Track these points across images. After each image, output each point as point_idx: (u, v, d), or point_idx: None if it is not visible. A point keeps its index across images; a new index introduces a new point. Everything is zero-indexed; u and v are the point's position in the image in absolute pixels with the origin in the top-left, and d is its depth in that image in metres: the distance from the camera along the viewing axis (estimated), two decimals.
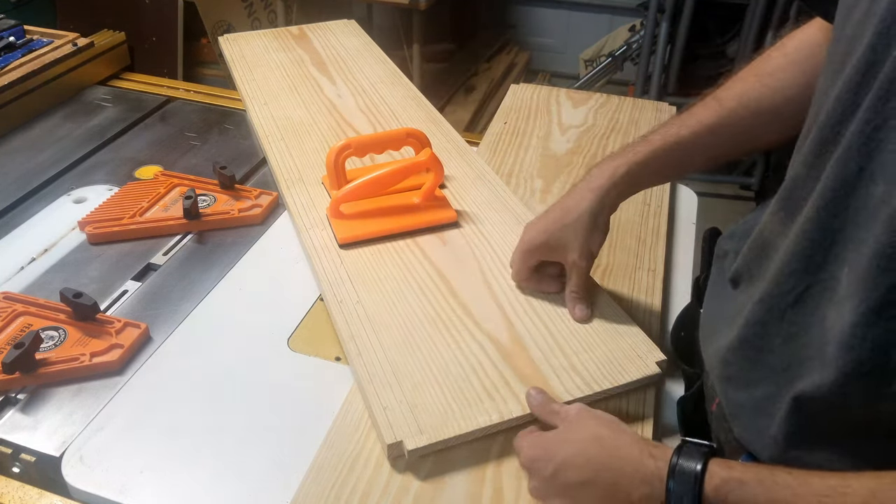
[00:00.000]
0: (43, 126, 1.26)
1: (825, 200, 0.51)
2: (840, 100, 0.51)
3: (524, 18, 3.54)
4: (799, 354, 0.54)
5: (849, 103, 0.50)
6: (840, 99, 0.51)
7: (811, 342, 0.53)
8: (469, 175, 1.05)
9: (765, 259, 0.61)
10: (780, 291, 0.55)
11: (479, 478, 0.67)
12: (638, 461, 0.57)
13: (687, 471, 0.53)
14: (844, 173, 0.50)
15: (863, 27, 0.50)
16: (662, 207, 1.03)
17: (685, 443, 0.56)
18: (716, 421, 0.68)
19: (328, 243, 0.92)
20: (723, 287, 0.70)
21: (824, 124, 0.52)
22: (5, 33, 1.34)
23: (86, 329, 0.82)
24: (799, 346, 0.54)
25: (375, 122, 1.18)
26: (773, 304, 0.56)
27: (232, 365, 0.79)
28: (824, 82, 0.56)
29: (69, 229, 1.00)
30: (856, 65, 0.49)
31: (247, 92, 1.26)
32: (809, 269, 0.53)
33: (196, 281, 0.92)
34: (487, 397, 0.71)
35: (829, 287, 0.52)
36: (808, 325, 0.53)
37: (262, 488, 0.67)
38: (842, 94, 0.50)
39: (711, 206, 2.71)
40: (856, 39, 0.51)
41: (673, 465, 0.54)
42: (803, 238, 0.53)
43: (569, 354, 0.76)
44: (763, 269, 0.61)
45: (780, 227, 0.59)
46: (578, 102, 1.28)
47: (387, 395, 0.71)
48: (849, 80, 0.50)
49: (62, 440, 0.71)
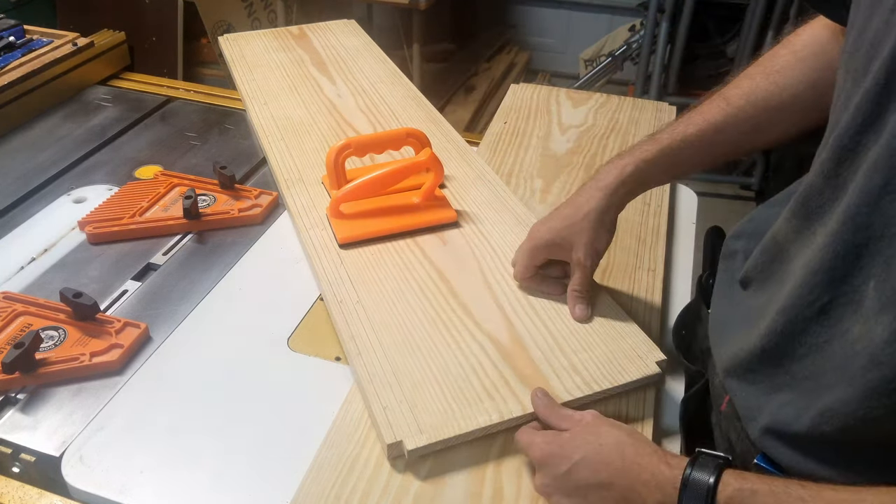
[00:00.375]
0: (43, 126, 1.26)
1: (848, 214, 0.51)
2: (860, 109, 0.50)
3: (524, 18, 3.55)
4: (823, 366, 0.54)
5: (869, 113, 0.50)
6: (860, 108, 0.50)
7: (834, 354, 0.53)
8: (469, 175, 1.05)
9: (779, 264, 0.61)
10: (803, 303, 0.55)
11: (479, 478, 0.67)
12: (655, 468, 0.57)
13: (700, 482, 0.54)
14: (869, 186, 0.49)
15: (884, 35, 0.49)
16: (662, 207, 1.03)
17: (700, 454, 0.56)
18: (725, 420, 0.68)
19: (328, 243, 0.92)
20: (731, 287, 0.70)
21: (843, 133, 0.52)
22: (5, 33, 1.34)
23: (86, 329, 0.82)
24: (823, 357, 0.54)
25: (375, 121, 1.18)
26: (795, 316, 0.56)
27: (232, 365, 0.79)
28: (842, 89, 0.55)
29: (69, 229, 1.00)
30: (877, 74, 0.49)
31: (247, 92, 1.26)
32: (832, 283, 0.52)
33: (196, 281, 0.92)
34: (487, 397, 0.71)
35: (853, 300, 0.51)
36: (831, 337, 0.53)
37: (262, 488, 0.67)
38: (862, 104, 0.50)
39: (711, 206, 2.71)
40: (877, 47, 0.50)
41: (686, 476, 0.54)
42: (826, 251, 0.53)
43: (569, 354, 0.76)
44: (778, 274, 0.61)
45: (794, 235, 0.59)
46: (578, 102, 1.28)
47: (387, 395, 0.71)
48: (870, 90, 0.49)
49: (62, 440, 0.71)
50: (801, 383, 0.56)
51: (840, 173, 0.53)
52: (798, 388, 0.56)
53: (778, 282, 0.61)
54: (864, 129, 0.50)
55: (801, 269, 0.56)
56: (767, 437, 0.59)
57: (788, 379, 0.57)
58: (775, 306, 0.58)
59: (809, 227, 0.56)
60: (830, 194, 0.54)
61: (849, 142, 0.51)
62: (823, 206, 0.55)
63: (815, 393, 0.54)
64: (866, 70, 0.51)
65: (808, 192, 0.56)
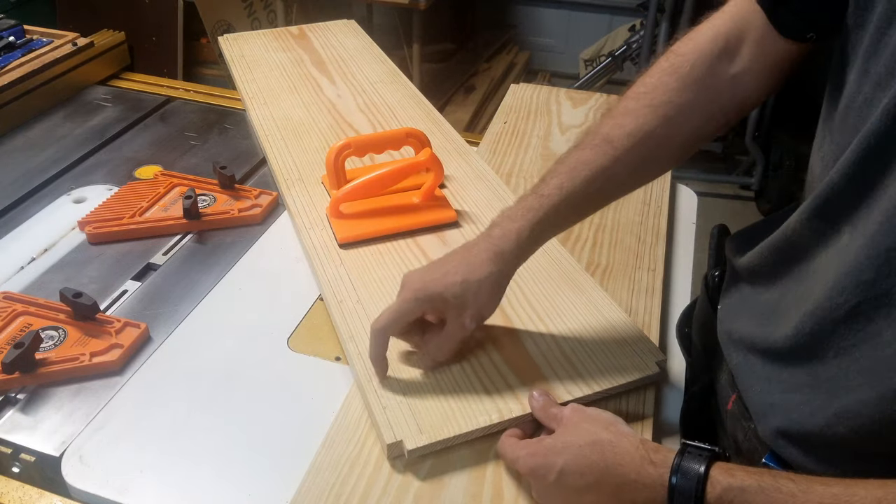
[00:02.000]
0: (43, 126, 1.26)
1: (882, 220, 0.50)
2: (889, 114, 0.49)
3: (524, 18, 3.55)
4: (847, 368, 0.53)
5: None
6: (889, 113, 0.49)
7: (862, 357, 0.52)
8: (469, 175, 1.05)
9: (796, 263, 0.60)
10: (832, 305, 0.54)
11: (479, 478, 0.67)
12: (639, 467, 0.57)
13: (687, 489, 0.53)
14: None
15: None
16: (662, 207, 1.03)
17: (686, 446, 0.56)
18: (731, 420, 0.68)
19: (328, 243, 0.92)
20: (739, 285, 0.70)
21: (871, 135, 0.51)
22: (5, 33, 1.34)
23: (86, 329, 0.82)
24: (849, 360, 0.53)
25: (375, 121, 1.18)
26: (823, 318, 0.55)
27: (232, 365, 0.79)
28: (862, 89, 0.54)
29: (69, 229, 1.00)
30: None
31: (246, 92, 1.26)
32: (862, 285, 0.52)
33: (196, 281, 0.92)
34: (487, 397, 0.71)
35: (884, 304, 0.51)
36: (860, 340, 0.53)
37: (262, 488, 0.66)
38: (892, 108, 0.49)
39: (711, 206, 2.71)
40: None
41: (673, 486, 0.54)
42: (858, 254, 0.52)
43: (569, 354, 0.76)
44: (795, 273, 0.60)
45: (814, 235, 0.58)
46: (578, 102, 1.28)
47: (387, 395, 0.71)
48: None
49: (62, 440, 0.71)
50: (823, 384, 0.55)
51: (868, 175, 0.52)
52: (818, 389, 0.56)
53: (796, 280, 0.60)
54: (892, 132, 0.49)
55: (829, 272, 0.55)
56: (779, 435, 0.59)
57: (810, 379, 0.57)
58: (802, 307, 0.57)
59: (835, 227, 0.56)
60: (857, 196, 0.53)
61: (876, 144, 0.51)
62: (850, 208, 0.54)
63: (834, 394, 0.54)
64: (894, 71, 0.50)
65: (829, 194, 0.55)
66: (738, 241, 0.72)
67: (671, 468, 0.55)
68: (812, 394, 0.56)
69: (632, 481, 0.57)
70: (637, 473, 0.56)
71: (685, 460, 0.54)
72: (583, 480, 0.59)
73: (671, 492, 0.54)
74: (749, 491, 0.51)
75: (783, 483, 0.50)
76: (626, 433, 0.61)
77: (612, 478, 0.58)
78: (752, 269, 0.67)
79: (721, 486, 0.52)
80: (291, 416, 0.74)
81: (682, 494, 0.53)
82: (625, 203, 1.03)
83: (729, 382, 0.68)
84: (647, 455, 0.57)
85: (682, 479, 0.54)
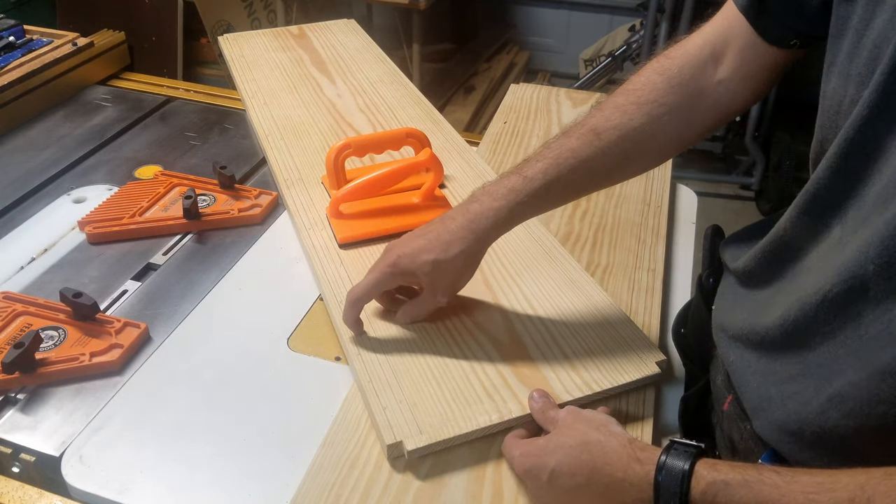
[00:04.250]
0: (43, 126, 1.26)
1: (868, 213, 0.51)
2: (870, 105, 0.50)
3: (524, 18, 3.55)
4: (835, 353, 0.54)
5: (884, 107, 0.50)
6: (870, 104, 0.50)
7: (848, 339, 0.53)
8: (469, 175, 1.05)
9: (790, 263, 0.61)
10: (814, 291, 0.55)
11: (479, 478, 0.67)
12: (626, 466, 0.57)
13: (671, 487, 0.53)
14: None
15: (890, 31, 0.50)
16: (662, 207, 1.03)
17: (672, 444, 0.56)
18: (727, 420, 0.68)
19: (328, 243, 0.92)
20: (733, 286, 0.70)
21: (853, 129, 0.52)
22: (5, 33, 1.34)
23: (85, 329, 0.82)
24: (836, 344, 0.54)
25: (375, 121, 1.18)
26: (806, 303, 0.55)
27: (232, 365, 0.79)
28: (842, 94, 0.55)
29: (69, 229, 1.00)
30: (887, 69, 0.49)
31: (246, 92, 1.26)
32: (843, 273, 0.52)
33: (196, 281, 0.92)
34: (487, 397, 0.71)
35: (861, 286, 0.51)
36: (842, 323, 0.53)
37: (262, 488, 0.66)
38: (873, 100, 0.50)
39: (711, 206, 2.71)
40: (881, 47, 0.51)
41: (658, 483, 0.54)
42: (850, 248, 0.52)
43: (568, 354, 0.76)
44: (788, 272, 0.61)
45: (805, 231, 0.58)
46: (578, 102, 1.28)
47: (387, 395, 0.71)
48: (880, 84, 0.50)
49: (62, 440, 0.71)
50: (813, 371, 0.56)
51: (851, 169, 0.53)
52: (810, 376, 0.56)
53: (788, 279, 0.61)
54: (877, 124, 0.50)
55: (822, 266, 0.56)
56: (776, 430, 0.59)
57: (801, 368, 0.57)
58: (789, 298, 0.58)
59: (824, 221, 0.56)
60: (841, 187, 0.54)
61: (855, 134, 0.52)
62: (838, 203, 0.55)
63: (826, 379, 0.54)
64: (873, 68, 0.51)
65: (816, 190, 0.56)
66: (733, 245, 0.73)
67: (657, 466, 0.55)
68: (805, 382, 0.57)
69: (619, 480, 0.57)
70: (624, 472, 0.57)
71: (670, 458, 0.54)
72: (574, 481, 0.59)
73: (657, 489, 0.54)
74: (733, 484, 0.51)
75: (767, 475, 0.50)
76: (616, 433, 0.61)
77: (601, 477, 0.58)
78: (746, 272, 0.67)
79: (705, 480, 0.52)
80: (291, 416, 0.74)
81: (667, 491, 0.53)
82: (625, 203, 1.04)
83: (725, 384, 0.68)
84: (634, 454, 0.57)
85: (666, 476, 0.54)
